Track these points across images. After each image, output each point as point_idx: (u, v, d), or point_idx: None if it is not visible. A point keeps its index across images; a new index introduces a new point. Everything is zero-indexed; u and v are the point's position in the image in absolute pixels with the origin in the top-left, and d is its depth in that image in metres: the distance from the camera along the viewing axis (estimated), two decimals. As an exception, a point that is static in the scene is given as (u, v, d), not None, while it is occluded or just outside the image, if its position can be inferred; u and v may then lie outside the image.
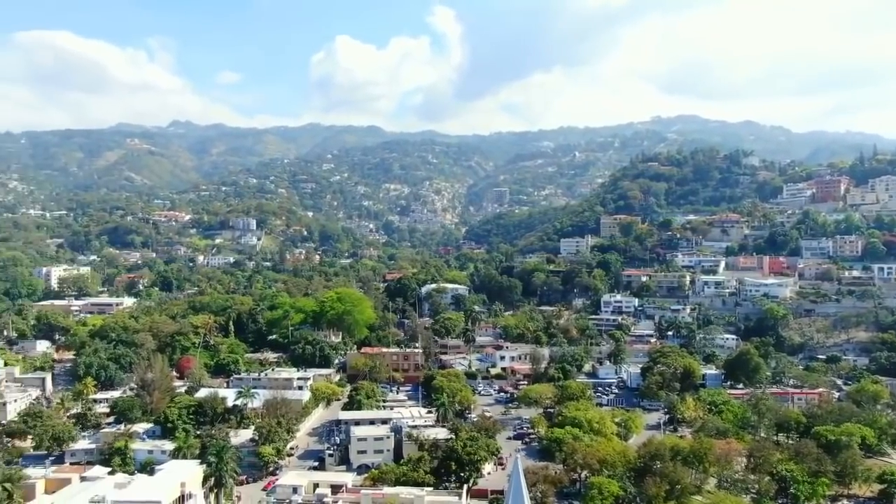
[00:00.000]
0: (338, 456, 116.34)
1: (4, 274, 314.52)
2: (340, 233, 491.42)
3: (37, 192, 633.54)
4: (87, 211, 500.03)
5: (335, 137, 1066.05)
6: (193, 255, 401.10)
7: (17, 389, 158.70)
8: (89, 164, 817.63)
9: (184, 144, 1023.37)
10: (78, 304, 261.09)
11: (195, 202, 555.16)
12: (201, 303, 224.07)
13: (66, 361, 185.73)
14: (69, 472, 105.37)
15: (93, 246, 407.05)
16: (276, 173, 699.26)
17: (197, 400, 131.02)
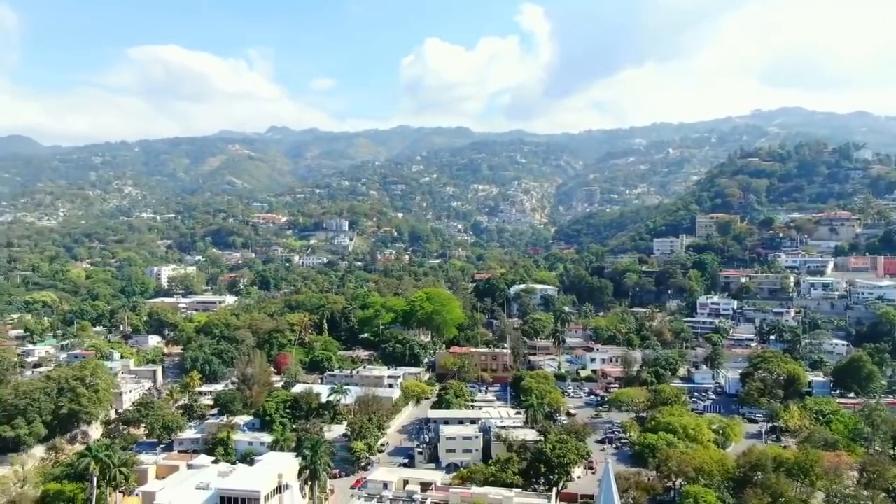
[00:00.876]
0: (427, 454, 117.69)
1: (121, 273, 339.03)
2: (430, 233, 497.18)
3: (149, 197, 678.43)
4: (192, 214, 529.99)
5: (424, 139, 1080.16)
6: (289, 255, 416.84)
7: (132, 381, 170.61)
8: (195, 169, 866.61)
9: (281, 149, 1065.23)
10: (185, 302, 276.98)
11: (291, 204, 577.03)
12: (297, 301, 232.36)
13: (174, 355, 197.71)
14: (177, 460, 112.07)
15: (198, 247, 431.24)
16: (367, 175, 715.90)
17: (293, 395, 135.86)
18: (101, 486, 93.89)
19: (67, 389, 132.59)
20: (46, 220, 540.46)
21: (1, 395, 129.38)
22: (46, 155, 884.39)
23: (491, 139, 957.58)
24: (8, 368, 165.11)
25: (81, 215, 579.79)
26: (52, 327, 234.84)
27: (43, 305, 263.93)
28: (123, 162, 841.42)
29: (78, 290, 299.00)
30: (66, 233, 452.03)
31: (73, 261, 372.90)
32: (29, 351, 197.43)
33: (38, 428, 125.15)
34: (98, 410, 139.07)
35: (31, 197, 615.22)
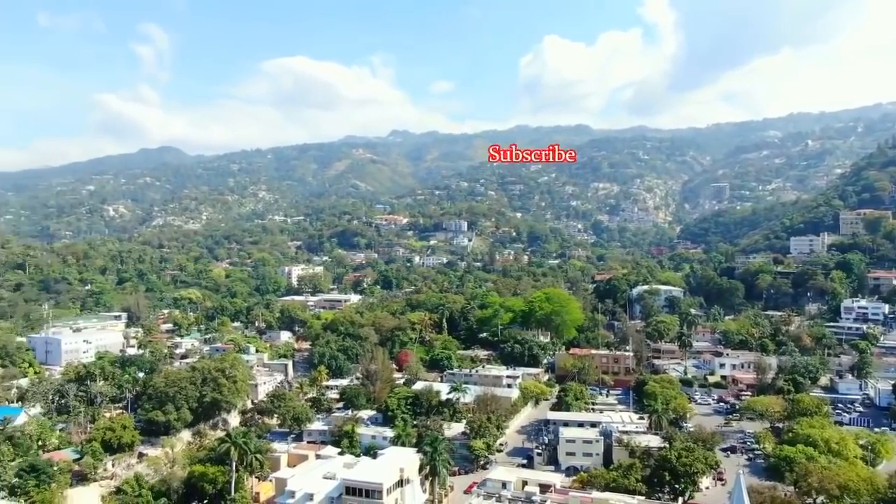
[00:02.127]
0: (546, 455, 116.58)
1: (256, 272, 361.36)
2: (548, 233, 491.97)
3: (280, 201, 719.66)
4: (320, 216, 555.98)
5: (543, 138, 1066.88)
6: (410, 255, 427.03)
7: (266, 373, 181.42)
8: (322, 173, 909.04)
9: (402, 152, 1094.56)
10: (313, 300, 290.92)
11: (412, 206, 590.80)
12: (418, 301, 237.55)
13: (303, 351, 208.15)
14: (307, 450, 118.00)
15: (325, 248, 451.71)
16: (485, 176, 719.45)
17: (414, 392, 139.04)
18: (240, 471, 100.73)
19: (210, 380, 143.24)
20: (192, 224, 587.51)
21: (154, 383, 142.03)
22: (191, 163, 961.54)
23: (612, 136, 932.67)
24: (160, 359, 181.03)
25: (221, 218, 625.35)
26: (196, 322, 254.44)
27: (189, 302, 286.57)
28: (258, 168, 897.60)
29: (219, 288, 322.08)
30: (209, 235, 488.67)
31: (214, 261, 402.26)
32: (177, 343, 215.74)
33: (185, 414, 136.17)
34: (236, 400, 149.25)
35: (178, 202, 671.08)
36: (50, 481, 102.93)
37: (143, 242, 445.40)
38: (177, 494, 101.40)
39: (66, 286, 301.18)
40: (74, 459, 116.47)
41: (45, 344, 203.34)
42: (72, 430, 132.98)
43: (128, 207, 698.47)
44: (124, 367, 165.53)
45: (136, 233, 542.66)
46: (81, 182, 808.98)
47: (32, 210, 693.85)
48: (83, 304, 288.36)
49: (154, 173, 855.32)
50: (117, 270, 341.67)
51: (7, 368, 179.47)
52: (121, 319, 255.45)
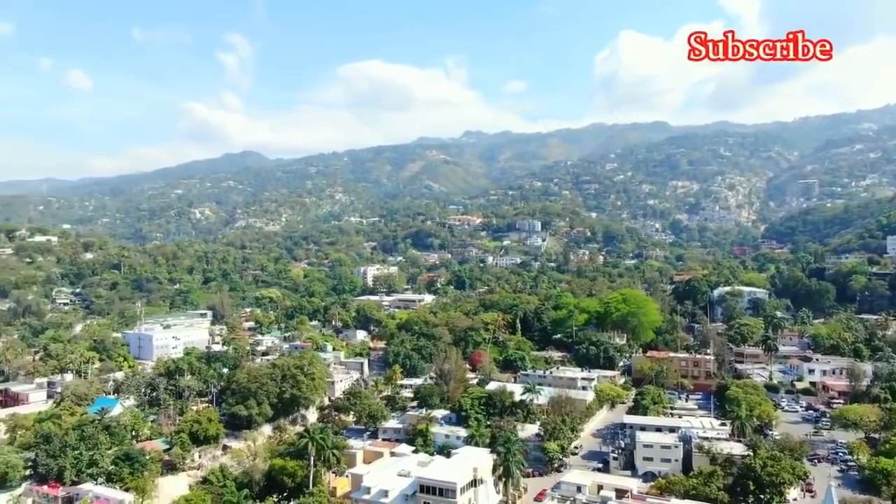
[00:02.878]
0: (622, 460, 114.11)
1: (332, 272, 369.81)
2: (624, 233, 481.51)
3: (356, 202, 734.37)
4: (394, 217, 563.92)
5: (618, 136, 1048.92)
6: (484, 255, 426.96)
7: (342, 371, 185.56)
8: (396, 175, 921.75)
9: (475, 153, 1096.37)
10: (388, 300, 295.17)
11: (485, 206, 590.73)
12: (491, 301, 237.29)
13: (378, 349, 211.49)
14: (382, 447, 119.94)
15: (399, 248, 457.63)
16: (559, 176, 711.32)
17: (487, 392, 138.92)
18: (317, 465, 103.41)
19: (289, 376, 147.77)
20: (272, 225, 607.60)
21: (237, 379, 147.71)
22: (271, 167, 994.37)
23: (691, 132, 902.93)
24: (242, 356, 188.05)
25: (300, 220, 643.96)
26: (276, 320, 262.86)
27: (269, 301, 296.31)
28: (334, 171, 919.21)
29: (297, 288, 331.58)
30: (288, 236, 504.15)
31: (293, 261, 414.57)
32: (258, 341, 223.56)
33: (266, 409, 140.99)
34: (314, 396, 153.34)
35: (259, 205, 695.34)
36: (143, 469, 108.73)
37: (226, 243, 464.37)
38: (258, 486, 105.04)
39: (157, 285, 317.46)
40: (165, 449, 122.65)
41: (139, 340, 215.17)
42: (162, 422, 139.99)
43: (212, 210, 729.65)
44: (210, 363, 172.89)
45: (221, 234, 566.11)
46: (170, 186, 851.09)
47: (126, 213, 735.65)
48: (172, 302, 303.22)
49: (237, 177, 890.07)
50: (203, 270, 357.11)
51: (104, 362, 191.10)
52: (206, 317, 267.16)
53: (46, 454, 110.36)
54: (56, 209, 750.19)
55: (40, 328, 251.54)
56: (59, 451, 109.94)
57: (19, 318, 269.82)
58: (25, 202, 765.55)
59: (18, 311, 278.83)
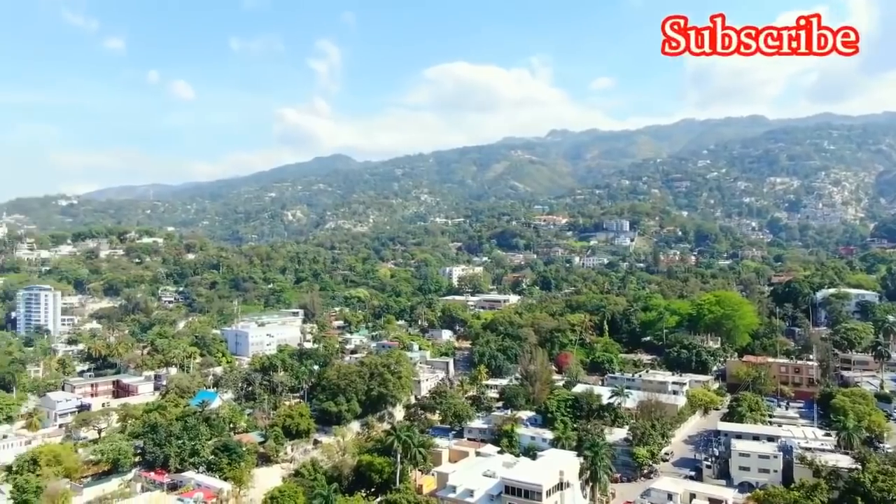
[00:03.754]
0: (716, 469, 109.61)
1: (418, 272, 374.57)
2: (718, 232, 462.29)
3: (441, 203, 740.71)
4: (479, 218, 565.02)
5: (711, 132, 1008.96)
6: (570, 256, 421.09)
7: (428, 370, 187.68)
8: (481, 175, 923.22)
9: (560, 152, 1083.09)
10: (473, 300, 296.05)
11: (571, 206, 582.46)
12: (577, 302, 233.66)
13: (464, 349, 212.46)
14: (467, 447, 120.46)
15: (484, 248, 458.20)
16: (648, 174, 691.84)
17: (574, 394, 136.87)
18: (404, 463, 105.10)
19: (377, 374, 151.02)
20: (360, 226, 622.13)
21: (327, 376, 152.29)
22: (359, 170, 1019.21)
23: (791, 126, 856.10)
24: (332, 354, 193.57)
25: (387, 221, 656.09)
26: (364, 319, 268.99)
27: (358, 300, 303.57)
28: (420, 172, 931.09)
29: (384, 288, 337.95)
30: (375, 237, 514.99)
31: (380, 261, 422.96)
32: (347, 339, 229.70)
33: (355, 406, 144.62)
34: (401, 395, 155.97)
35: (348, 206, 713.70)
36: (240, 460, 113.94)
37: (317, 244, 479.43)
38: (347, 481, 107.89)
39: (252, 284, 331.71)
40: (260, 442, 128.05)
41: (235, 336, 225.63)
42: (257, 416, 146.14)
43: (304, 212, 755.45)
44: (301, 360, 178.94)
45: (311, 235, 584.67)
46: (265, 190, 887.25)
47: (224, 216, 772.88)
48: (266, 300, 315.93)
49: (326, 180, 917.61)
50: (295, 270, 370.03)
51: (205, 357, 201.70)
52: (298, 316, 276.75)
53: (153, 443, 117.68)
54: (161, 212, 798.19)
55: (148, 324, 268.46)
56: (165, 441, 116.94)
57: (129, 314, 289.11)
58: (135, 206, 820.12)
59: (129, 307, 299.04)
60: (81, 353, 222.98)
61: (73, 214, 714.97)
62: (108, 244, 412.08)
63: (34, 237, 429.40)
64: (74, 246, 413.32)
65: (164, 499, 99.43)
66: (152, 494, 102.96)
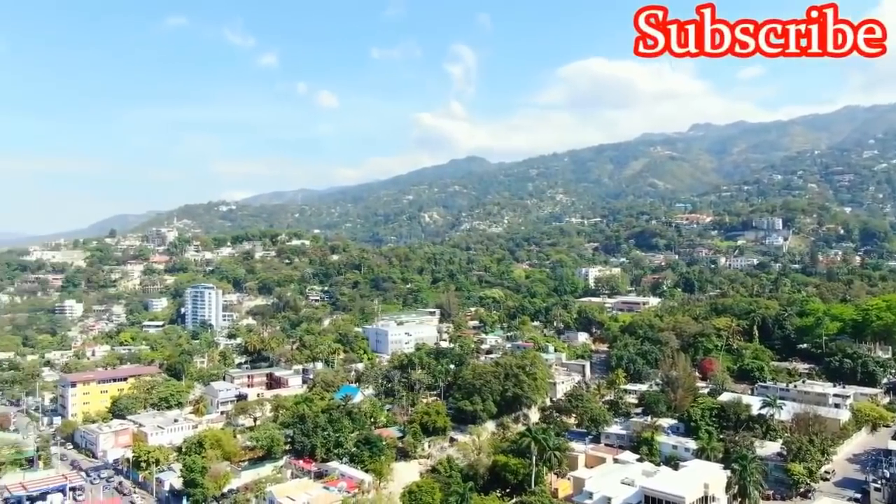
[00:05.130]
0: (886, 492, 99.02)
1: (553, 273, 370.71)
2: (888, 230, 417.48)
3: (577, 203, 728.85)
4: (616, 217, 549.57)
5: (879, 119, 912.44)
6: (715, 256, 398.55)
7: (564, 373, 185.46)
8: (618, 174, 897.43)
9: (703, 146, 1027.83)
10: (610, 302, 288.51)
11: (716, 204, 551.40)
12: (723, 305, 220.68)
13: (600, 352, 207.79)
14: (604, 452, 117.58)
15: (622, 249, 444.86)
16: (804, 167, 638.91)
17: (720, 403, 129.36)
18: (539, 465, 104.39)
19: (512, 375, 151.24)
20: (494, 227, 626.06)
21: (463, 375, 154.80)
22: (494, 171, 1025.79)
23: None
24: (468, 353, 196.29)
25: (521, 222, 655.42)
26: (499, 320, 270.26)
27: (493, 301, 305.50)
28: (555, 172, 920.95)
29: (519, 288, 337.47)
30: (510, 237, 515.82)
31: (515, 262, 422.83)
32: (483, 339, 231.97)
33: (490, 406, 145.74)
34: (536, 396, 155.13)
35: (482, 208, 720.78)
36: (380, 454, 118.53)
37: (452, 245, 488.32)
38: (482, 480, 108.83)
39: (392, 284, 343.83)
40: (398, 437, 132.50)
41: (376, 334, 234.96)
42: (396, 411, 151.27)
43: (440, 214, 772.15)
44: (438, 359, 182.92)
45: (447, 237, 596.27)
46: (402, 193, 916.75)
47: (365, 218, 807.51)
48: (404, 300, 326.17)
49: (461, 182, 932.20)
50: (431, 271, 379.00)
51: (348, 354, 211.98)
52: (435, 315, 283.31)
53: (301, 432, 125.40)
54: (308, 216, 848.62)
55: (296, 321, 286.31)
56: (312, 431, 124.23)
57: (280, 311, 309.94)
58: (284, 210, 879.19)
59: (280, 305, 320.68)
60: (239, 347, 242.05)
61: (231, 219, 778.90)
62: (261, 246, 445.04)
63: (200, 240, 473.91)
64: (233, 248, 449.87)
65: (312, 486, 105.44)
66: (301, 481, 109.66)
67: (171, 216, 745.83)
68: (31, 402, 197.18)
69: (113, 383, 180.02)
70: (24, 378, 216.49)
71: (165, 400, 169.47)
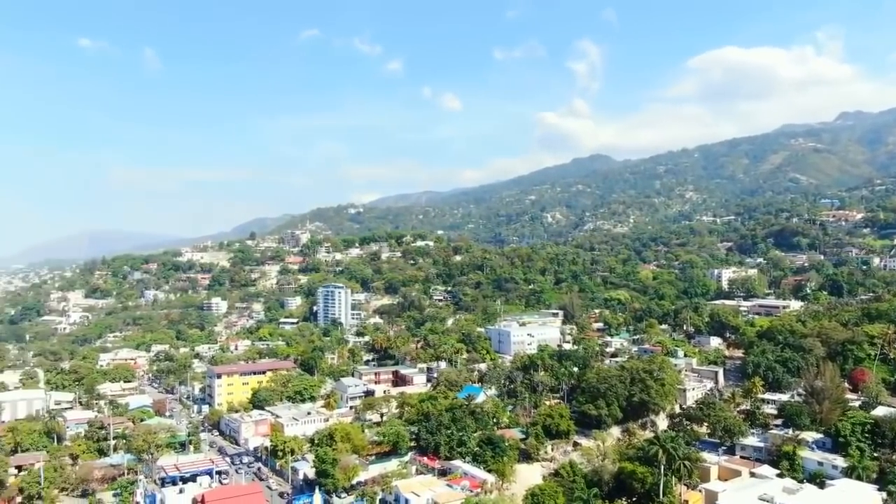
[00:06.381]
0: None
1: (683, 275, 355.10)
2: None
3: (708, 200, 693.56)
4: (753, 215, 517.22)
5: None
6: (867, 256, 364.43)
7: (694, 379, 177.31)
8: (754, 169, 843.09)
9: (853, 137, 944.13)
10: (746, 305, 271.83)
11: (868, 199, 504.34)
12: (878, 310, 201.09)
13: (735, 358, 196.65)
14: (739, 465, 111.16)
15: (759, 248, 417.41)
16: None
17: (873, 417, 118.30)
18: (667, 475, 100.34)
19: (638, 380, 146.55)
20: (619, 227, 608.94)
21: (587, 378, 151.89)
22: (619, 169, 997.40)
23: None
24: (592, 356, 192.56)
25: (648, 221, 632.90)
26: (625, 323, 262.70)
27: (618, 303, 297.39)
28: (684, 169, 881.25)
29: (646, 290, 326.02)
30: (636, 237, 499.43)
31: (641, 263, 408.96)
32: (607, 342, 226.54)
33: (615, 411, 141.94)
34: (664, 403, 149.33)
35: (607, 207, 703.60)
36: (503, 454, 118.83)
37: (576, 246, 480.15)
38: (607, 487, 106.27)
39: (514, 285, 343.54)
40: (521, 439, 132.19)
41: (498, 335, 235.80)
42: (518, 413, 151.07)
43: (562, 214, 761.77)
44: (561, 361, 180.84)
45: (570, 237, 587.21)
46: (524, 193, 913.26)
47: (487, 219, 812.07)
48: (527, 301, 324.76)
49: (585, 181, 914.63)
50: (554, 272, 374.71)
51: (471, 353, 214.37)
52: (557, 316, 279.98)
53: (426, 430, 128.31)
54: (432, 217, 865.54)
55: (421, 320, 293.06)
56: (436, 429, 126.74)
57: (405, 311, 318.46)
58: (409, 212, 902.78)
59: (405, 304, 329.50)
60: (367, 345, 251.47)
61: (359, 221, 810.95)
62: (388, 247, 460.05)
63: (330, 241, 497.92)
64: (361, 249, 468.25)
65: (436, 483, 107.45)
66: (425, 477, 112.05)
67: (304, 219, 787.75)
68: (184, 391, 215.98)
69: (253, 376, 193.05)
70: (178, 369, 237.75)
71: (299, 393, 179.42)
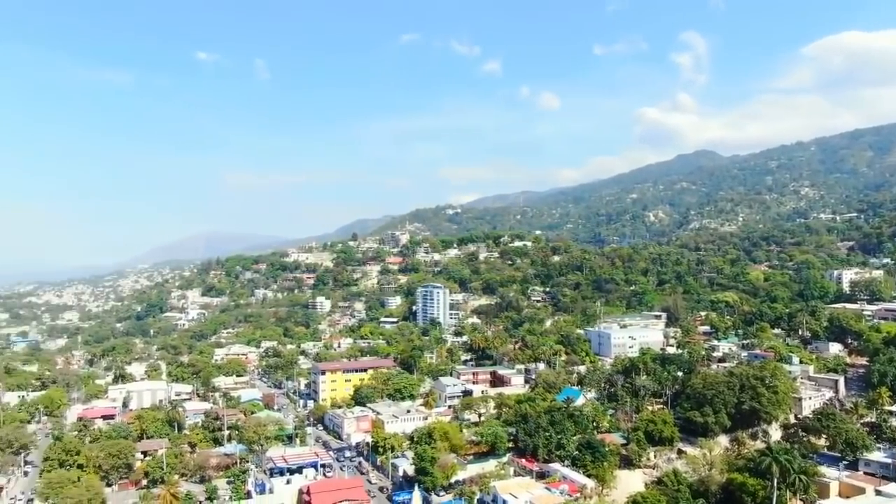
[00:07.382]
0: None
1: (798, 276, 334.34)
2: None
3: (826, 196, 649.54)
4: (878, 212, 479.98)
5: None
6: None
7: (811, 387, 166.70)
8: (879, 162, 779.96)
9: None
10: (870, 309, 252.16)
11: None
12: None
13: (858, 366, 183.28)
14: (863, 482, 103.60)
15: (885, 248, 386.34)
16: None
17: None
18: (781, 489, 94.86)
19: (748, 387, 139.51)
20: (727, 226, 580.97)
21: (692, 384, 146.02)
22: (726, 165, 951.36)
23: None
24: (697, 360, 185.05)
25: (758, 219, 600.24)
26: (733, 326, 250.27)
27: (725, 305, 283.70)
28: (799, 163, 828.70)
29: (756, 292, 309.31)
30: (745, 237, 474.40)
31: (751, 263, 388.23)
32: (714, 346, 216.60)
33: (723, 419, 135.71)
34: (777, 412, 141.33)
35: (714, 205, 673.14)
36: (603, 459, 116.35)
37: (680, 245, 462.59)
38: (714, 498, 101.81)
39: (614, 286, 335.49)
40: (622, 444, 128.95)
41: (598, 337, 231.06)
42: (619, 417, 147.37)
43: (666, 212, 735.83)
44: (664, 365, 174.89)
45: (674, 236, 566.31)
46: (625, 191, 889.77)
47: (586, 219, 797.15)
48: (628, 302, 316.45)
49: (690, 178, 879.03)
50: (657, 272, 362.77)
51: (569, 355, 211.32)
52: (660, 319, 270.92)
53: (524, 432, 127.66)
54: (530, 217, 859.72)
55: (519, 321, 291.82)
56: (534, 431, 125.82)
57: (503, 311, 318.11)
58: (507, 212, 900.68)
59: (503, 305, 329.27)
60: (465, 345, 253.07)
61: (457, 222, 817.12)
62: (485, 247, 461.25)
63: (429, 242, 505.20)
64: (459, 249, 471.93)
65: (534, 485, 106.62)
66: (523, 479, 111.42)
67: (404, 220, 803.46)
68: (290, 386, 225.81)
69: (355, 373, 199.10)
70: (285, 364, 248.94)
71: (399, 391, 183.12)
